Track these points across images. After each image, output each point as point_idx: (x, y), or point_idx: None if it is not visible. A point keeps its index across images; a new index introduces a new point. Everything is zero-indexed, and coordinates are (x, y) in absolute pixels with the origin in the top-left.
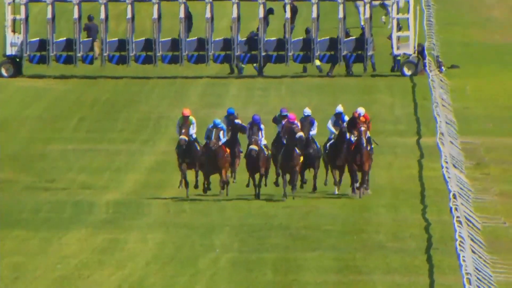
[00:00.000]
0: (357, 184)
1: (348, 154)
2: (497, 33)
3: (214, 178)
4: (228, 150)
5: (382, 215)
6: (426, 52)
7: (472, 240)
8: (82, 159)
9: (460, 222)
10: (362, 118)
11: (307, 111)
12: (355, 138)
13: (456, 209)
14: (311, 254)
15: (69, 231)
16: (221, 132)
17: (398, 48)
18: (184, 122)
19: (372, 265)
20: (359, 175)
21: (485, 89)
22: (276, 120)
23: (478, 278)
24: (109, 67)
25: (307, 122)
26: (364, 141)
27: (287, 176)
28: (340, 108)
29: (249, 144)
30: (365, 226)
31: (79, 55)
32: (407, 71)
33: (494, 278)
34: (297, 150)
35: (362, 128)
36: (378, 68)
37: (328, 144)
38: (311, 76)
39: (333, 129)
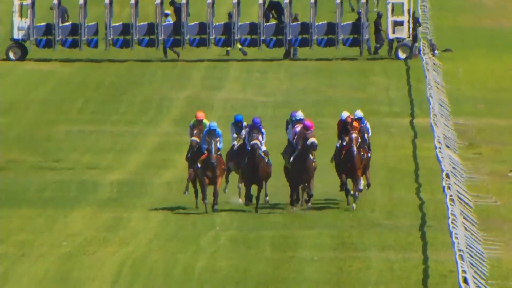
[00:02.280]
0: (352, 192)
1: (338, 162)
2: (488, 18)
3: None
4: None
5: (377, 194)
6: (420, 36)
7: (464, 218)
8: (87, 140)
9: (452, 200)
10: (355, 123)
11: (300, 114)
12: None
13: (449, 188)
14: (309, 231)
15: (74, 210)
16: (218, 139)
17: (393, 32)
18: (198, 126)
19: (367, 242)
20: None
21: (476, 72)
22: (288, 125)
23: (470, 254)
24: (113, 50)
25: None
26: (355, 148)
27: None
28: (345, 114)
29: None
30: (360, 205)
31: (84, 39)
32: (401, 55)
33: (486, 254)
34: (311, 157)
35: (354, 135)
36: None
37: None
38: (309, 60)
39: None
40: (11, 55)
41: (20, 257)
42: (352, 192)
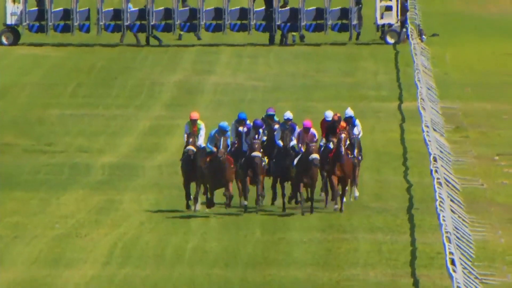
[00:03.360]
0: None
1: (326, 164)
2: (475, 4)
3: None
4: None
5: (365, 177)
6: (408, 21)
7: (451, 200)
8: (79, 124)
9: (440, 183)
10: (342, 123)
11: (288, 114)
12: (334, 145)
13: (436, 171)
14: (298, 214)
15: (66, 192)
16: (229, 139)
17: (382, 18)
18: (192, 127)
19: (356, 224)
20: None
21: (463, 57)
22: (264, 121)
23: (457, 236)
24: (104, 35)
25: (288, 128)
26: (343, 149)
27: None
28: (329, 113)
29: (250, 150)
30: (349, 187)
31: (76, 24)
32: (390, 40)
33: (473, 236)
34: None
35: (342, 136)
36: (363, 37)
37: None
38: (299, 45)
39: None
40: (4, 40)
41: (13, 239)
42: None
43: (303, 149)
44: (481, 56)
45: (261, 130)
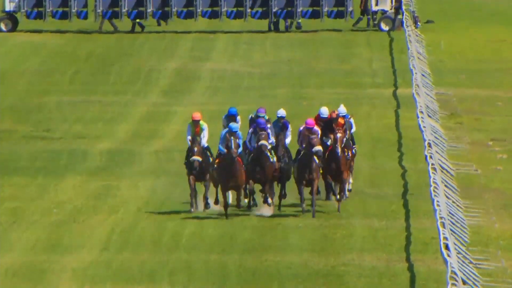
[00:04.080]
0: (337, 196)
1: (322, 162)
2: None
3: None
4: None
5: (360, 163)
6: (403, 8)
7: (446, 186)
8: (77, 110)
9: (434, 169)
10: (340, 120)
11: (281, 112)
12: (331, 143)
13: (431, 156)
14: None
15: (64, 178)
16: (240, 140)
17: (376, 4)
18: (195, 128)
19: (351, 210)
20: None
21: (458, 44)
22: (252, 121)
23: (451, 222)
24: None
25: (280, 126)
26: (340, 149)
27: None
28: (325, 110)
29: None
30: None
31: (73, 11)
32: (384, 27)
33: (467, 221)
34: (316, 160)
35: (339, 135)
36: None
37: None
38: (294, 32)
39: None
40: (2, 26)
41: (11, 224)
42: (338, 197)
43: (303, 146)
44: (475, 43)
45: (269, 131)
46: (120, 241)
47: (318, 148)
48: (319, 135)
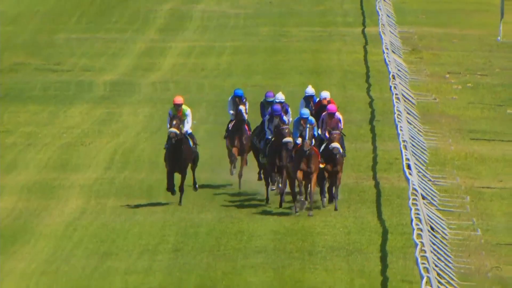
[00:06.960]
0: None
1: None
2: None
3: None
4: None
5: (333, 92)
6: None
7: (408, 113)
8: (83, 46)
9: (398, 98)
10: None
11: (280, 96)
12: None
13: (395, 87)
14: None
15: (72, 106)
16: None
17: None
18: (177, 113)
19: None
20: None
21: None
22: (264, 107)
23: (412, 144)
24: None
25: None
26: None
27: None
28: (310, 89)
29: (280, 136)
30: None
31: None
32: None
33: (426, 144)
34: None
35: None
36: None
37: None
38: None
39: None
40: None
41: (26, 146)
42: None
43: (327, 136)
44: None
45: (285, 117)
46: (121, 161)
47: (335, 145)
48: (342, 126)
